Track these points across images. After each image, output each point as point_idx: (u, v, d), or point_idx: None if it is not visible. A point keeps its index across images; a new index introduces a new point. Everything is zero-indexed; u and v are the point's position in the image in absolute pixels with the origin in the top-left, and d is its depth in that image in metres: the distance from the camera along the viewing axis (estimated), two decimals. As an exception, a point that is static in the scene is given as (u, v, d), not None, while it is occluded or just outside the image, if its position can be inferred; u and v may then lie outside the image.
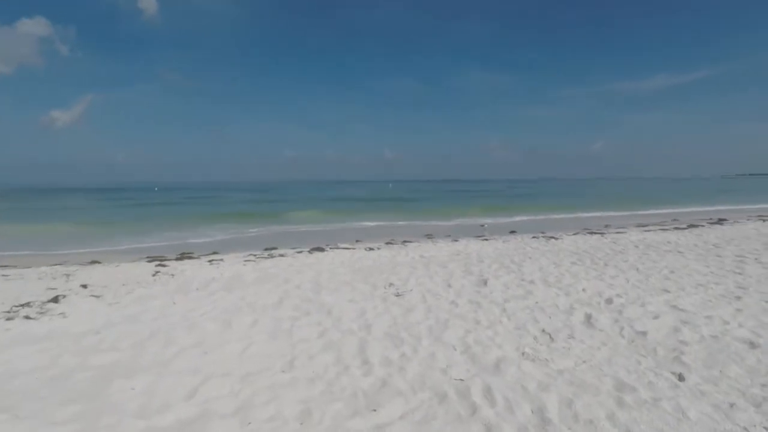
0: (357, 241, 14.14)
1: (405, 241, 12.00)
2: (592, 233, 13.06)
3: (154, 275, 7.89)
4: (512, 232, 17.68)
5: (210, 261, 9.31)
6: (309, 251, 10.48)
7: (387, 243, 11.75)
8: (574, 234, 12.98)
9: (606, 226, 19.29)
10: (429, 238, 15.88)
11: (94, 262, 9.93)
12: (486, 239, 12.36)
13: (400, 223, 24.29)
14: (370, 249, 10.47)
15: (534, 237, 12.09)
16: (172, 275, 7.87)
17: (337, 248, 10.96)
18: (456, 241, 12.14)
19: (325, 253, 10.31)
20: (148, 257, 10.45)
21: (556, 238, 11.67)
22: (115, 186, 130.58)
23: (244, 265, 8.75)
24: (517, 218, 25.85)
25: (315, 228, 20.62)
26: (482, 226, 19.74)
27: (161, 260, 9.61)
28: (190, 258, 10.01)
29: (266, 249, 12.28)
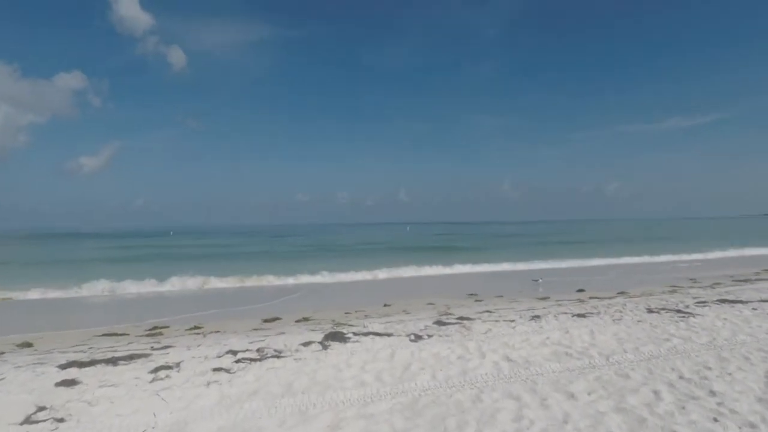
0: (386, 313, 10.35)
1: (462, 319, 8.18)
2: (729, 302, 9.06)
3: None
4: (580, 290, 13.73)
5: (154, 370, 5.49)
6: (323, 343, 6.70)
7: (437, 322, 7.94)
8: (704, 305, 8.99)
9: (692, 279, 15.30)
10: (477, 301, 12.04)
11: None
12: (582, 315, 8.48)
13: (428, 271, 20.48)
14: (417, 338, 6.67)
15: (653, 311, 8.16)
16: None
17: (366, 334, 7.17)
18: (535, 317, 8.29)
19: (348, 346, 6.52)
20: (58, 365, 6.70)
21: (687, 313, 7.74)
22: (131, 231, 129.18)
23: (207, 386, 4.96)
24: (563, 264, 21.99)
25: (331, 280, 16.69)
26: (536, 281, 15.76)
27: (80, 366, 5.74)
28: (115, 363, 6.08)
29: (265, 322, 8.68)
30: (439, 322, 7.84)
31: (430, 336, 6.73)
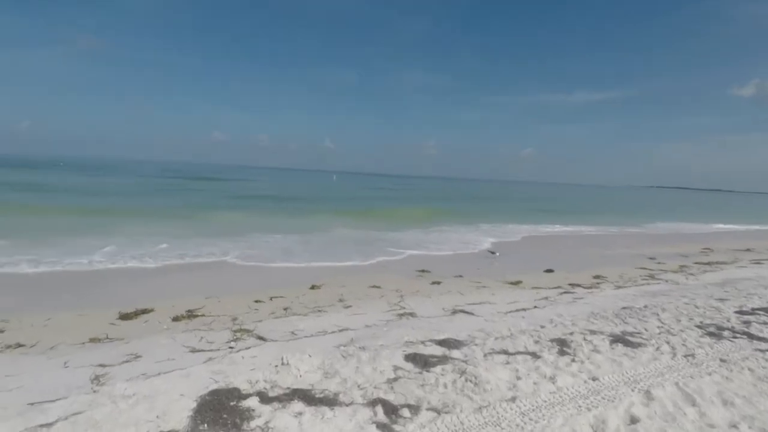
0: (315, 303, 7.06)
1: (441, 344, 5.17)
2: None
3: None
4: (549, 270, 11.50)
5: None
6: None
7: (408, 348, 4.84)
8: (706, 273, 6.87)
9: (651, 259, 13.77)
10: (435, 283, 9.21)
11: None
12: (627, 342, 5.90)
13: (365, 234, 17.35)
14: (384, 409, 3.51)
15: (712, 335, 5.77)
16: None
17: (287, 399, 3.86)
18: (560, 345, 5.54)
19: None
20: None
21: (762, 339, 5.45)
22: (15, 158, 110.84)
23: None
24: (512, 228, 19.92)
25: (248, 260, 12.78)
26: (492, 254, 13.35)
27: None
28: None
29: (121, 320, 5.15)
30: (411, 357, 4.72)
31: (404, 400, 3.58)
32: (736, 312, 6.47)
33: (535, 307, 7.14)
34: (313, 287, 8.62)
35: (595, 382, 3.80)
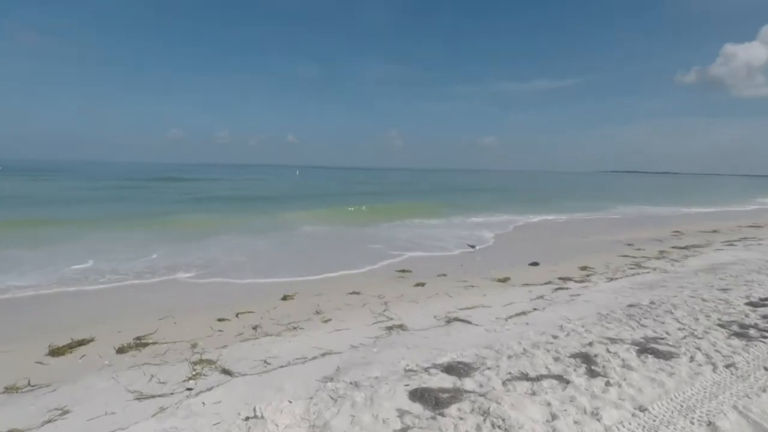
0: (290, 318, 6.12)
1: (439, 368, 4.40)
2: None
3: None
4: (534, 263, 11.00)
5: None
6: None
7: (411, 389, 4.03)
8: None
9: (629, 245, 13.51)
10: (418, 285, 8.45)
11: None
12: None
13: (334, 230, 16.27)
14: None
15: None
16: None
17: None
18: (586, 362, 4.89)
19: None
20: None
21: None
22: None
23: None
24: (485, 221, 19.24)
25: (210, 271, 11.58)
26: (472, 248, 12.78)
27: None
28: None
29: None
30: (417, 394, 3.90)
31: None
32: (747, 304, 6.04)
33: (535, 309, 6.49)
34: (285, 297, 7.66)
35: (645, 415, 3.11)
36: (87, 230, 14.11)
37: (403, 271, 10.00)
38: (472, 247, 12.71)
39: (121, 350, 5.26)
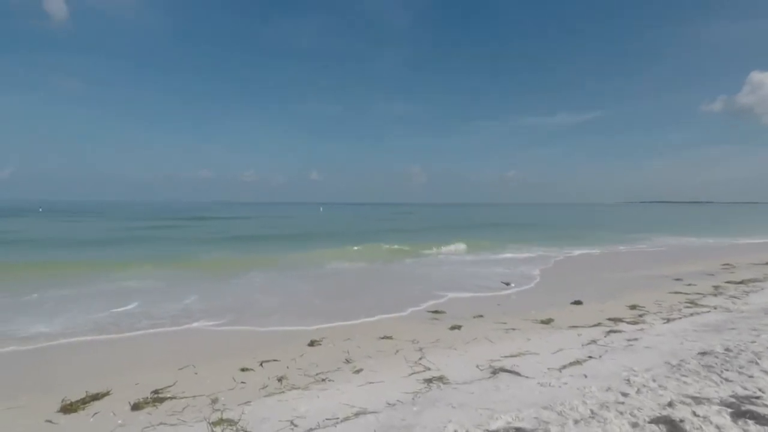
0: (307, 375, 5.57)
1: None
2: None
3: None
4: (577, 302, 10.20)
5: None
6: None
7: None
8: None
9: (678, 280, 12.29)
10: (454, 329, 7.79)
11: None
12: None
13: (362, 265, 15.71)
14: None
15: None
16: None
17: None
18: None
19: None
20: None
21: None
22: None
23: None
24: (516, 256, 18.22)
25: (233, 317, 11.27)
26: (507, 284, 12.06)
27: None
28: None
29: None
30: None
31: None
32: None
33: (590, 357, 5.77)
34: (312, 343, 7.15)
35: None
36: (116, 272, 14.03)
37: (436, 312, 9.38)
38: (507, 284, 11.99)
39: (136, 406, 4.83)
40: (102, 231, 33.52)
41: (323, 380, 5.47)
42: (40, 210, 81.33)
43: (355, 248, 20.77)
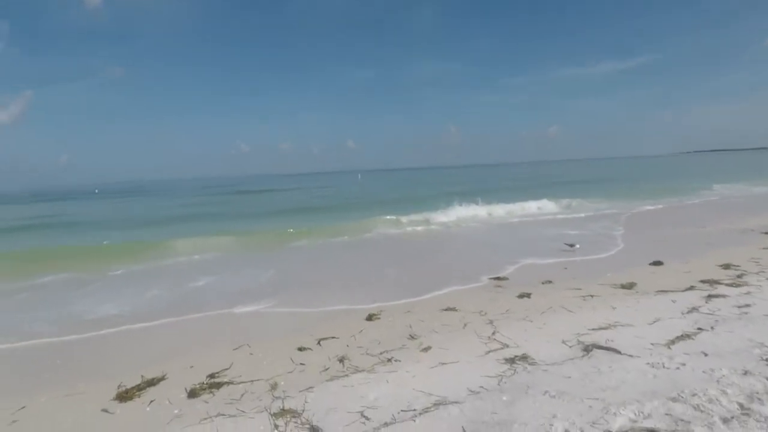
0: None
1: None
2: None
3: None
4: (656, 263, 9.16)
5: None
6: None
7: None
8: None
9: (767, 233, 10.68)
10: (522, 296, 7.00)
11: None
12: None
13: (429, 241, 15.00)
14: None
15: None
16: None
17: None
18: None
19: None
20: None
21: None
22: (44, 190, 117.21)
23: None
24: (575, 213, 16.88)
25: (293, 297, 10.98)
26: (571, 246, 11.07)
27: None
28: None
29: None
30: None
31: None
32: None
33: (700, 329, 4.90)
34: (370, 317, 6.64)
35: None
36: (172, 253, 13.87)
37: (498, 278, 8.63)
38: (571, 246, 11.00)
39: (192, 393, 4.48)
40: (157, 210, 34.49)
41: (389, 360, 4.93)
42: (96, 191, 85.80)
43: (410, 215, 19.60)
